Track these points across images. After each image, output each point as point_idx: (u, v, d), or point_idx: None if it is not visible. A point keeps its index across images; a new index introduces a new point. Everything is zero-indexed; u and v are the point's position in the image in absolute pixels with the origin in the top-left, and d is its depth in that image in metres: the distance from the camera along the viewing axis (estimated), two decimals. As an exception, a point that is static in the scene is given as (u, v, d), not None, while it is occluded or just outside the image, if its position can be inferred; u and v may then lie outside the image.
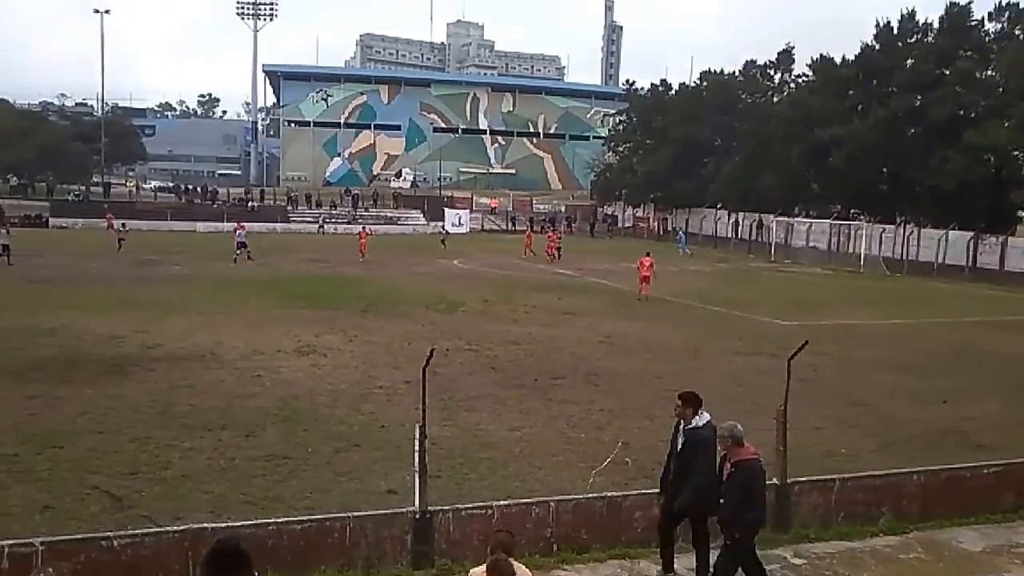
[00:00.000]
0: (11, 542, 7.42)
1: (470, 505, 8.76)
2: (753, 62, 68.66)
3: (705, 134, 67.52)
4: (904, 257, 47.32)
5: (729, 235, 61.05)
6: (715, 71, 71.86)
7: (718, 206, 65.20)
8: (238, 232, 40.46)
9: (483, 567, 5.54)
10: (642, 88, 78.09)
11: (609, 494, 9.27)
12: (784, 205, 57.68)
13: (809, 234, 54.70)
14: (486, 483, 10.71)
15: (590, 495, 9.37)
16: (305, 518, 8.47)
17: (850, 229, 52.85)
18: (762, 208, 59.06)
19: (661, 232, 69.20)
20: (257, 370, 16.65)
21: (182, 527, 8.08)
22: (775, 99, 65.81)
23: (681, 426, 7.88)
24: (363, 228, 47.68)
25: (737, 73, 69.71)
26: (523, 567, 5.81)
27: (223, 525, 8.04)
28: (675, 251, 51.40)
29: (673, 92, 74.57)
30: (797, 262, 49.17)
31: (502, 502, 8.79)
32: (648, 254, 30.98)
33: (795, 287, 36.87)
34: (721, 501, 7.42)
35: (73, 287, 28.14)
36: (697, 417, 7.78)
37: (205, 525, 8.04)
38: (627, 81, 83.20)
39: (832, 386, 16.63)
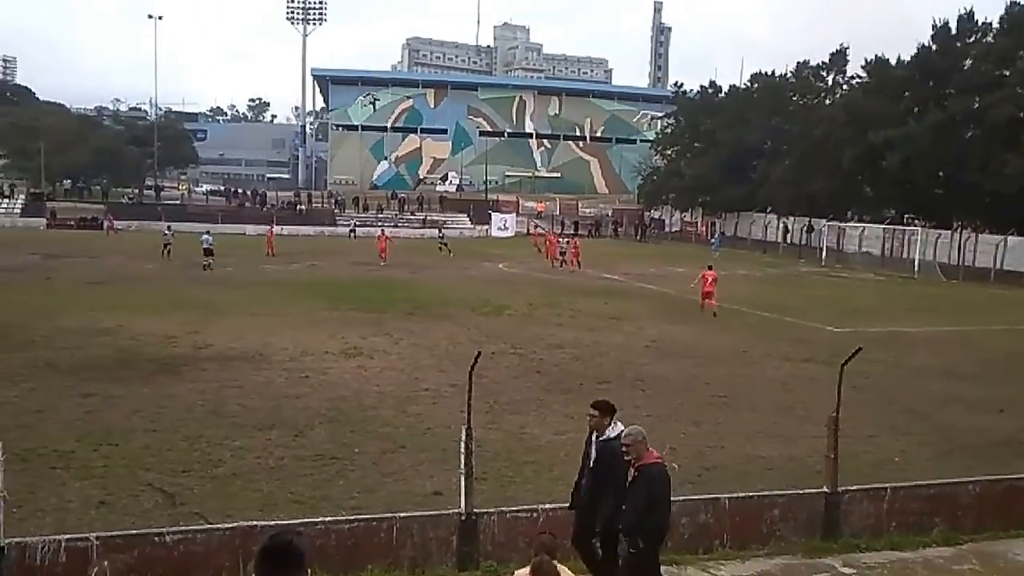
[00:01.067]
0: (67, 536, 7.63)
1: (516, 508, 8.77)
2: (805, 63, 67.65)
3: (755, 137, 66.72)
4: (960, 263, 46.22)
5: (779, 240, 60.26)
6: (766, 73, 71.04)
7: (767, 210, 64.38)
8: (205, 238, 37.82)
9: (527, 569, 5.55)
10: (691, 90, 77.45)
11: (655, 499, 9.18)
12: (836, 209, 56.72)
13: (861, 239, 53.76)
14: (531, 486, 10.71)
15: (636, 500, 9.30)
16: (352, 517, 8.54)
17: (904, 234, 51.82)
18: (813, 212, 58.18)
19: (709, 236, 68.54)
20: (305, 371, 16.85)
21: (232, 524, 8.22)
22: (828, 101, 64.75)
23: (595, 437, 7.39)
24: (382, 231, 47.76)
25: (789, 74, 68.77)
26: (567, 570, 5.80)
27: (272, 523, 8.14)
28: (725, 257, 50.88)
29: (722, 94, 73.84)
30: (849, 267, 48.37)
31: (548, 505, 8.77)
32: (710, 267, 29.34)
33: (847, 293, 36.27)
34: (624, 507, 6.96)
35: (127, 288, 28.75)
36: (611, 428, 7.29)
37: (255, 523, 8.15)
38: (675, 83, 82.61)
39: (885, 394, 16.31)
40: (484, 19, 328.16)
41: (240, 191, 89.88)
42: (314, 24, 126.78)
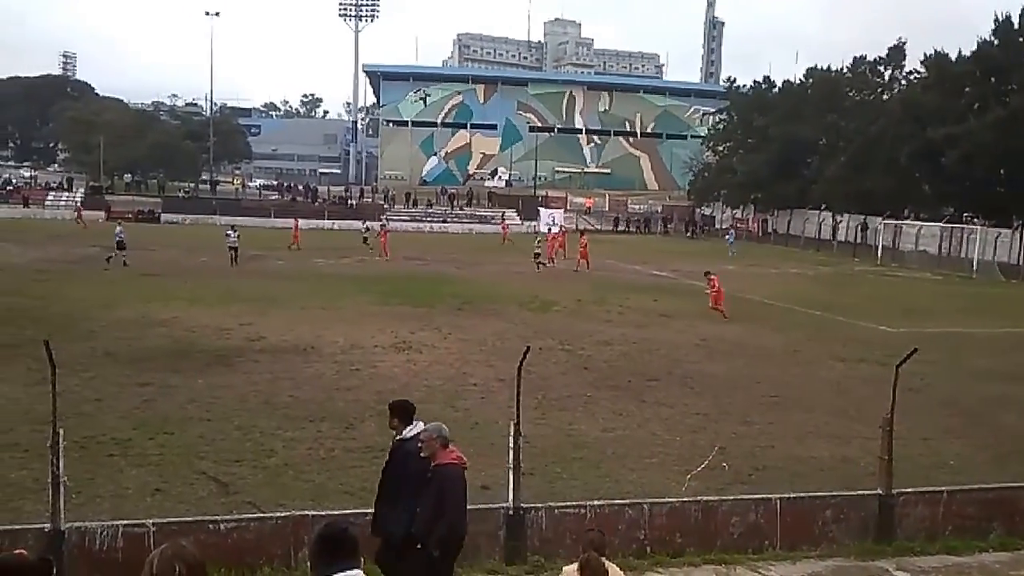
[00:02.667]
0: (125, 522, 7.84)
1: (563, 504, 8.78)
2: (863, 58, 66.45)
3: (809, 133, 65.70)
4: (1020, 263, 45.05)
5: (832, 237, 59.30)
6: (821, 68, 69.81)
7: (821, 207, 63.38)
8: (117, 231, 35.68)
9: (575, 565, 5.55)
10: (744, 86, 76.55)
11: (705, 498, 9.14)
12: (892, 207, 55.62)
13: (918, 237, 52.67)
14: (578, 482, 10.70)
15: (685, 499, 9.27)
16: (402, 510, 8.61)
17: (963, 233, 50.65)
18: (868, 210, 57.11)
19: (761, 234, 67.74)
20: (355, 364, 17.03)
21: (285, 514, 8.36)
22: (885, 96, 63.53)
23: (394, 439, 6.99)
24: (383, 227, 47.68)
25: (845, 69, 67.55)
26: (615, 568, 5.79)
27: (324, 513, 8.26)
28: (776, 255, 50.29)
29: (776, 90, 72.83)
30: (905, 266, 47.44)
31: (595, 502, 8.77)
32: (709, 273, 27.74)
33: (902, 292, 35.56)
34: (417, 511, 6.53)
35: (183, 280, 29.32)
36: (409, 428, 6.85)
37: (307, 512, 8.29)
38: (728, 79, 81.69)
39: (941, 396, 15.98)
40: (535, 14, 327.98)
41: (292, 186, 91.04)
42: (366, 20, 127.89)
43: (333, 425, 12.77)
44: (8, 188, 72.81)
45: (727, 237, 56.79)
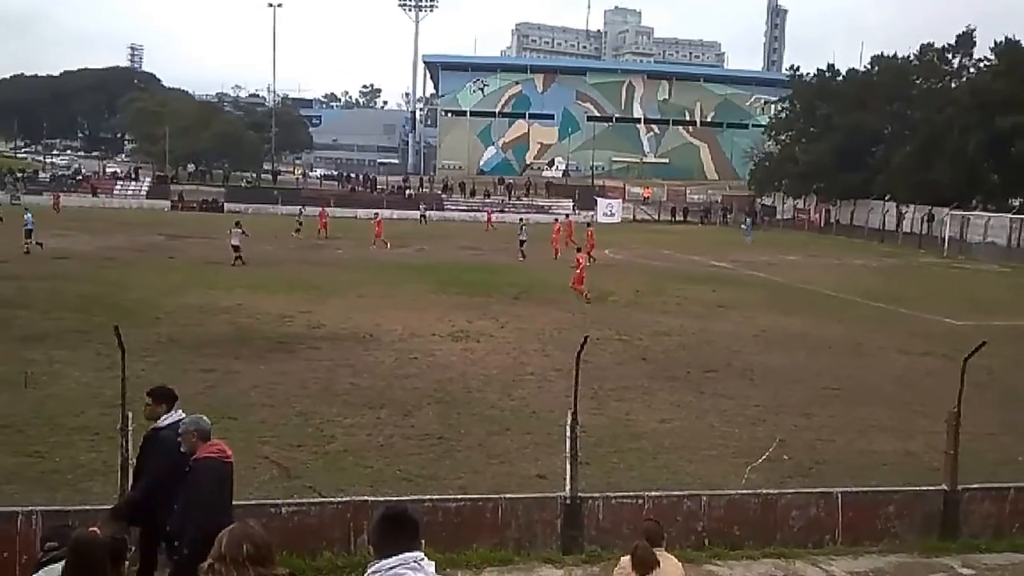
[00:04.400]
0: (191, 503, 8.00)
1: (620, 493, 8.76)
2: (930, 45, 64.49)
3: (874, 122, 64.16)
4: (1094, 254, 43.49)
5: (897, 228, 57.91)
6: (887, 55, 68.05)
7: (886, 198, 61.88)
8: (26, 217, 34.03)
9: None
10: (807, 74, 75.01)
11: (764, 491, 9.04)
12: (959, 198, 54.03)
13: (987, 229, 51.07)
14: (635, 473, 10.67)
15: (744, 491, 9.18)
16: (460, 497, 8.71)
17: (1033, 224, 49.04)
18: (934, 200, 55.56)
19: (823, 224, 66.46)
20: (413, 352, 17.19)
21: (345, 499, 8.49)
22: (953, 85, 61.66)
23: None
24: (377, 215, 47.13)
25: (912, 57, 65.76)
26: (673, 559, 5.76)
27: (382, 499, 8.37)
28: (839, 246, 49.34)
29: (840, 78, 71.21)
30: (972, 258, 46.11)
31: (653, 492, 8.73)
32: (579, 250, 28.36)
33: (969, 285, 34.59)
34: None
35: (244, 268, 29.88)
36: (167, 417, 6.59)
37: (366, 498, 8.41)
38: (791, 67, 79.99)
39: (1009, 391, 15.53)
40: (594, 3, 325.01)
41: (352, 175, 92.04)
42: (426, 11, 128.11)
43: (392, 412, 12.92)
44: (77, 178, 74.90)
45: (743, 226, 56.67)
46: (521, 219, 45.89)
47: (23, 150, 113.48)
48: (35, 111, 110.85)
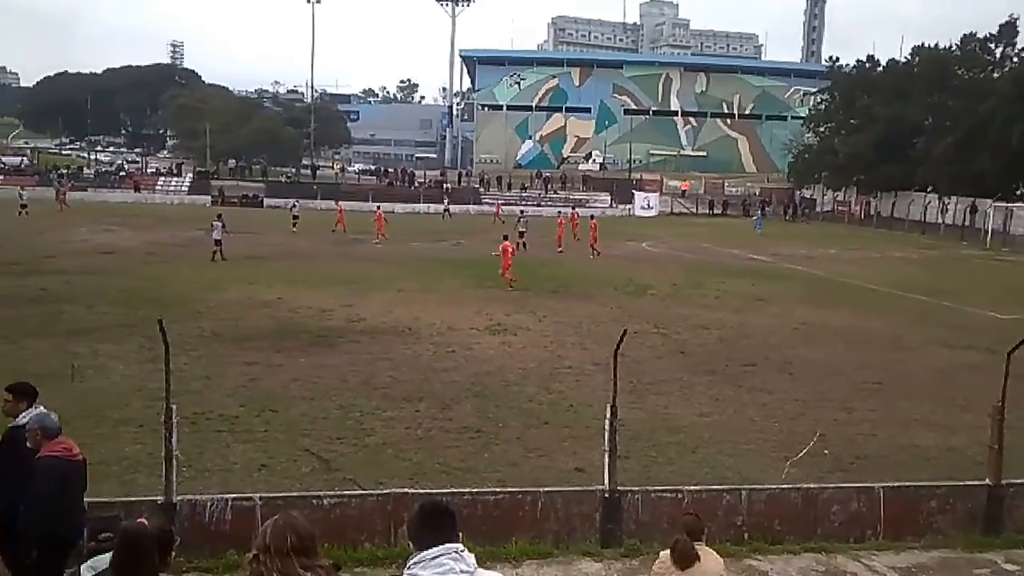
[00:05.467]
0: (234, 496, 8.16)
1: (659, 487, 8.75)
2: (972, 35, 63.26)
3: (915, 113, 63.08)
4: None
5: (939, 220, 56.90)
6: (928, 46, 66.88)
7: (927, 190, 60.86)
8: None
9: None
10: (846, 65, 73.94)
11: (805, 485, 8.98)
12: (1002, 189, 53.00)
13: (1032, 220, 50.05)
14: (674, 467, 10.65)
15: (784, 485, 9.13)
16: (498, 490, 8.74)
17: (1080, 216, 47.93)
18: (977, 192, 54.53)
19: (863, 217, 65.52)
20: (452, 346, 17.28)
21: (385, 491, 8.57)
22: (995, 75, 60.42)
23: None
24: (378, 207, 46.92)
25: (953, 47, 64.54)
26: (713, 553, 5.74)
27: (422, 491, 8.45)
28: (879, 238, 48.61)
29: (881, 69, 70.11)
30: (1016, 251, 45.11)
31: (692, 486, 8.72)
32: (506, 237, 28.17)
33: (1013, 277, 33.87)
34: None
35: (286, 263, 30.19)
36: (23, 415, 6.40)
37: (406, 490, 8.48)
38: (830, 58, 78.97)
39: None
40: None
41: (389, 170, 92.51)
42: (463, 5, 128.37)
43: (430, 405, 13.00)
44: (120, 174, 76.12)
45: (755, 218, 56.30)
46: (521, 211, 45.94)
47: (68, 147, 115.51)
48: (79, 108, 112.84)
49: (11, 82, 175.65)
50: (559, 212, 46.41)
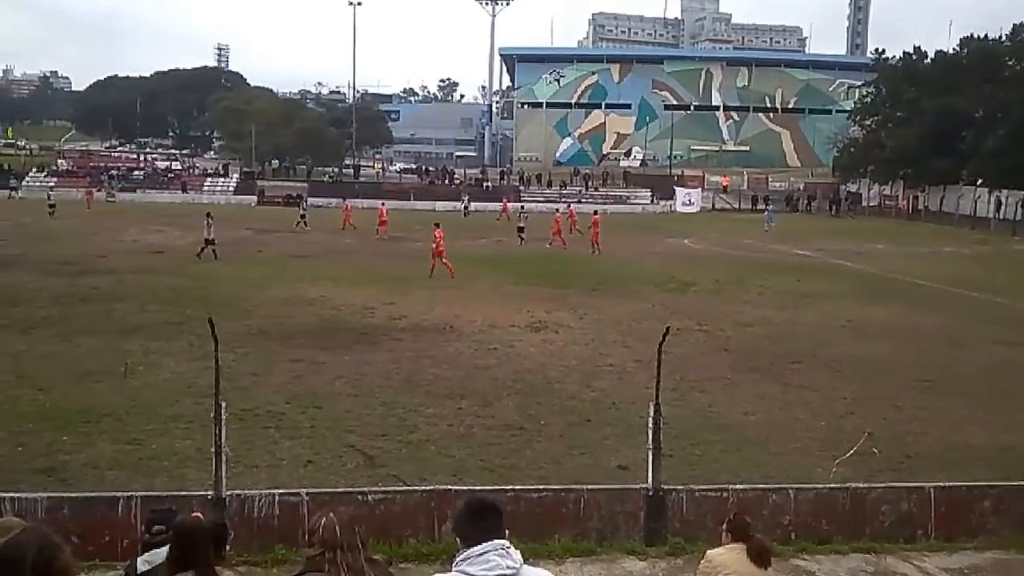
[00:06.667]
0: (281, 491, 8.26)
1: (704, 486, 8.68)
2: (1023, 25, 61.79)
3: (964, 105, 61.66)
4: None
5: (989, 215, 55.67)
6: (977, 36, 65.42)
7: (977, 183, 59.57)
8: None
9: (722, 549, 5.47)
10: (892, 57, 72.61)
11: (853, 485, 8.84)
12: (1058, 181, 51.69)
13: (1088, 214, 48.75)
14: (719, 465, 10.55)
15: (832, 485, 9.00)
16: (541, 487, 8.74)
17: None
18: (1031, 185, 53.29)
19: (911, 211, 64.34)
20: (493, 343, 17.29)
21: (429, 487, 8.61)
22: (1048, 66, 58.95)
23: None
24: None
25: (1003, 38, 63.07)
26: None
27: (465, 488, 8.47)
28: (928, 233, 47.69)
29: (928, 60, 68.73)
30: (1072, 245, 44.06)
31: (738, 485, 8.64)
32: (437, 225, 28.33)
33: (1070, 273, 33.03)
34: None
35: (329, 261, 30.48)
36: None
37: (450, 487, 8.52)
38: (876, 50, 77.52)
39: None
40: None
41: (430, 169, 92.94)
42: (502, 4, 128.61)
43: (472, 403, 13.03)
44: (169, 175, 77.42)
45: (765, 213, 55.95)
46: (522, 207, 46.07)
47: (117, 149, 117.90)
48: (129, 111, 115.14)
49: (63, 86, 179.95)
50: (556, 209, 46.06)
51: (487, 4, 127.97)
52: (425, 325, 19.04)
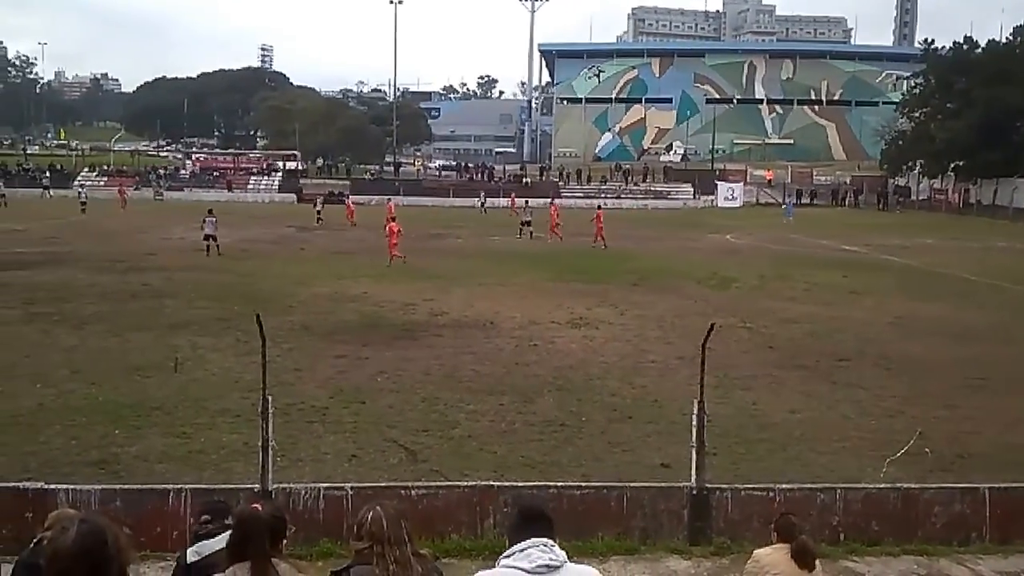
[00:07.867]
0: (326, 485, 8.32)
1: (750, 485, 8.54)
2: (1079, 11, 60.23)
3: (1018, 96, 60.12)
4: None
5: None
6: (1032, 25, 63.82)
7: (1031, 176, 58.20)
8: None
9: (769, 548, 5.37)
10: (942, 47, 71.08)
11: (904, 485, 8.64)
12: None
13: None
14: (764, 464, 10.38)
15: (882, 485, 8.80)
16: (584, 484, 8.68)
17: None
18: (1087, 178, 51.87)
19: (962, 205, 62.98)
20: (533, 340, 17.24)
21: (471, 483, 8.59)
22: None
23: None
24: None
25: (1059, 26, 61.50)
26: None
27: (508, 484, 8.44)
28: (980, 227, 46.66)
29: (980, 50, 67.16)
30: None
31: (785, 485, 8.48)
32: (394, 219, 29.37)
33: None
34: None
35: (370, 257, 30.61)
36: None
37: (492, 483, 8.49)
38: (924, 40, 76.01)
39: None
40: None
41: (470, 165, 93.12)
42: (541, 0, 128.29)
43: (513, 399, 13.00)
44: (214, 173, 78.49)
45: (784, 206, 55.67)
46: (526, 202, 46.06)
47: (165, 149, 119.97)
48: (176, 112, 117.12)
49: (113, 88, 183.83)
50: (551, 202, 45.70)
51: (526, 0, 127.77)
52: (465, 321, 19.06)
